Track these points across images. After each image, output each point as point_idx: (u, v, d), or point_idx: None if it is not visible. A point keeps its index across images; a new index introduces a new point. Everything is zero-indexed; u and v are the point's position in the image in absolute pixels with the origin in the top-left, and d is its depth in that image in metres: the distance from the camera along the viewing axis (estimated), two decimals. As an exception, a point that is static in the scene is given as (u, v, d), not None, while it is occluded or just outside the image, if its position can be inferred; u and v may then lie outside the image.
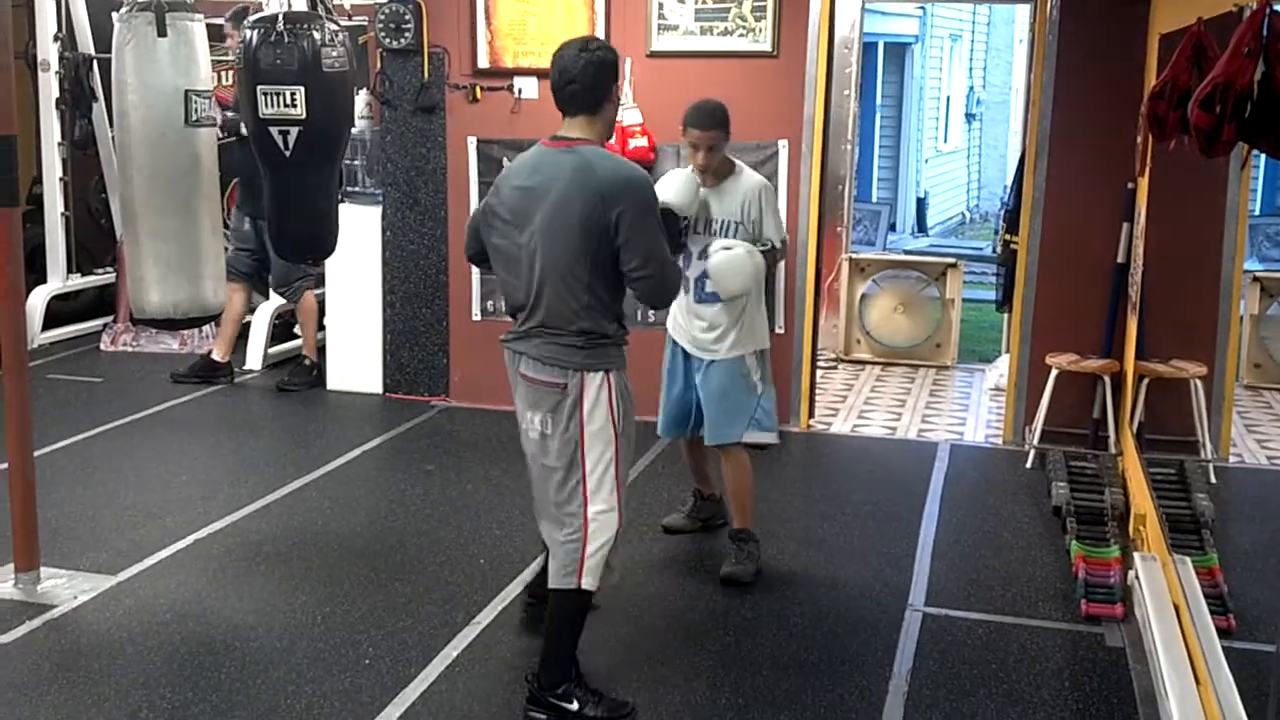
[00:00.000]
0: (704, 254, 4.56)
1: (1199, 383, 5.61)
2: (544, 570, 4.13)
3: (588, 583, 3.65)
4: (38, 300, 8.32)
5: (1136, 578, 4.24)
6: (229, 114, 6.71)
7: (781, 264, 6.44)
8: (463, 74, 6.79)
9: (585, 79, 3.57)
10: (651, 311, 6.70)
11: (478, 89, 6.75)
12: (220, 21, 7.03)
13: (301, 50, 4.79)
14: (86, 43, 8.32)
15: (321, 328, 7.60)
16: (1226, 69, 2.95)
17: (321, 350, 7.61)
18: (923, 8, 15.47)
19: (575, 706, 3.65)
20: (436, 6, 6.74)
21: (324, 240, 5.28)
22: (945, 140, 17.92)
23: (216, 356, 7.45)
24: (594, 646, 4.17)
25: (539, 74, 6.54)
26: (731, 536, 4.79)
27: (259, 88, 4.81)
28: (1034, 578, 4.78)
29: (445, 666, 3.93)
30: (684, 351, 4.80)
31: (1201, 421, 5.65)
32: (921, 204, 16.27)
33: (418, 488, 5.69)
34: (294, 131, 4.86)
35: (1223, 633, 3.74)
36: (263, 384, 7.54)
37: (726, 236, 4.58)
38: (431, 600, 4.48)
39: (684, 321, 4.77)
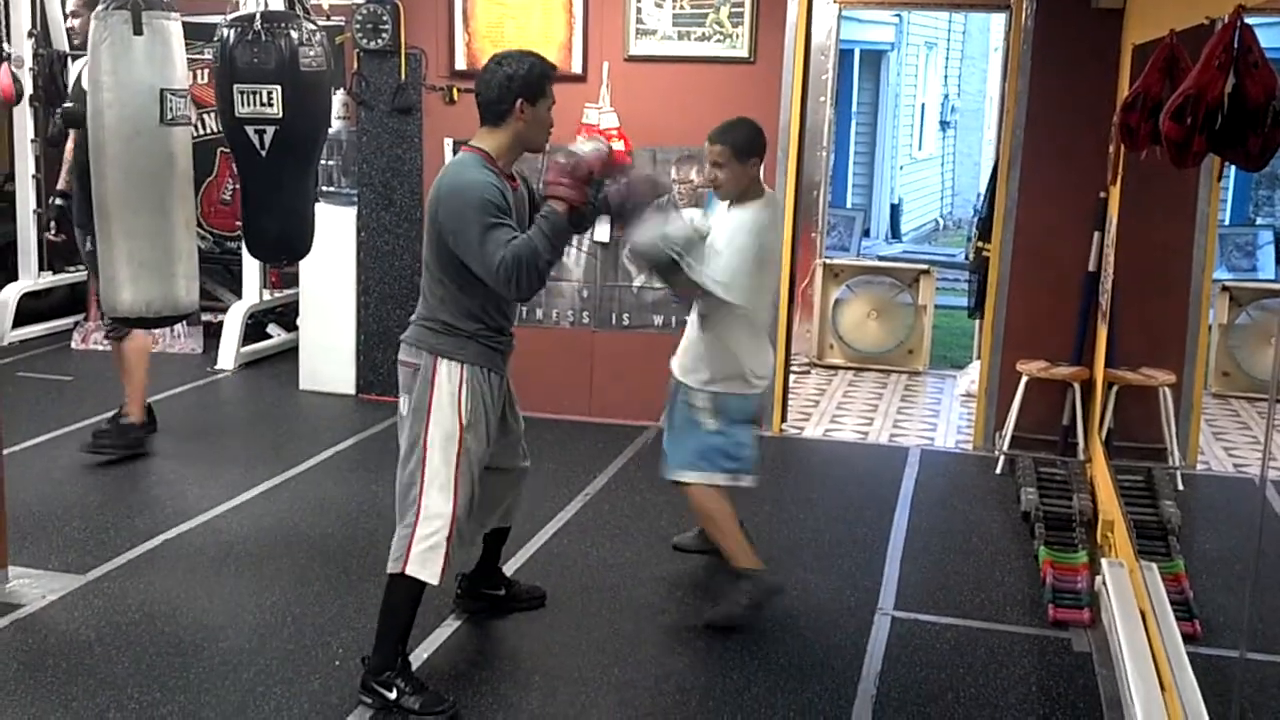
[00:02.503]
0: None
1: (1168, 391, 5.65)
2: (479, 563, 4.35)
3: (414, 569, 3.73)
4: (8, 297, 8.28)
5: (1104, 583, 4.28)
6: (67, 105, 5.83)
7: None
8: (440, 75, 6.79)
9: (488, 93, 3.76)
10: (625, 314, 6.74)
11: (455, 90, 6.75)
12: (204, 20, 6.99)
13: (279, 49, 4.79)
14: (61, 39, 8.27)
15: (295, 328, 7.53)
16: (1198, 81, 2.99)
17: (293, 351, 7.58)
18: (899, 15, 15.53)
19: (394, 695, 3.71)
20: (414, 8, 6.73)
21: (299, 241, 5.27)
22: (920, 147, 17.99)
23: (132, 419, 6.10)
24: (564, 649, 4.18)
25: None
26: (723, 574, 4.54)
27: (236, 86, 4.80)
28: (1002, 583, 4.81)
29: (416, 668, 3.92)
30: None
31: (1170, 429, 5.69)
32: (895, 210, 16.33)
33: (389, 489, 5.63)
34: (270, 131, 4.85)
35: (1188, 638, 3.77)
36: (233, 384, 7.51)
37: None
38: (403, 602, 4.46)
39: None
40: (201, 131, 8.18)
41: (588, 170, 3.70)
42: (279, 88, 4.80)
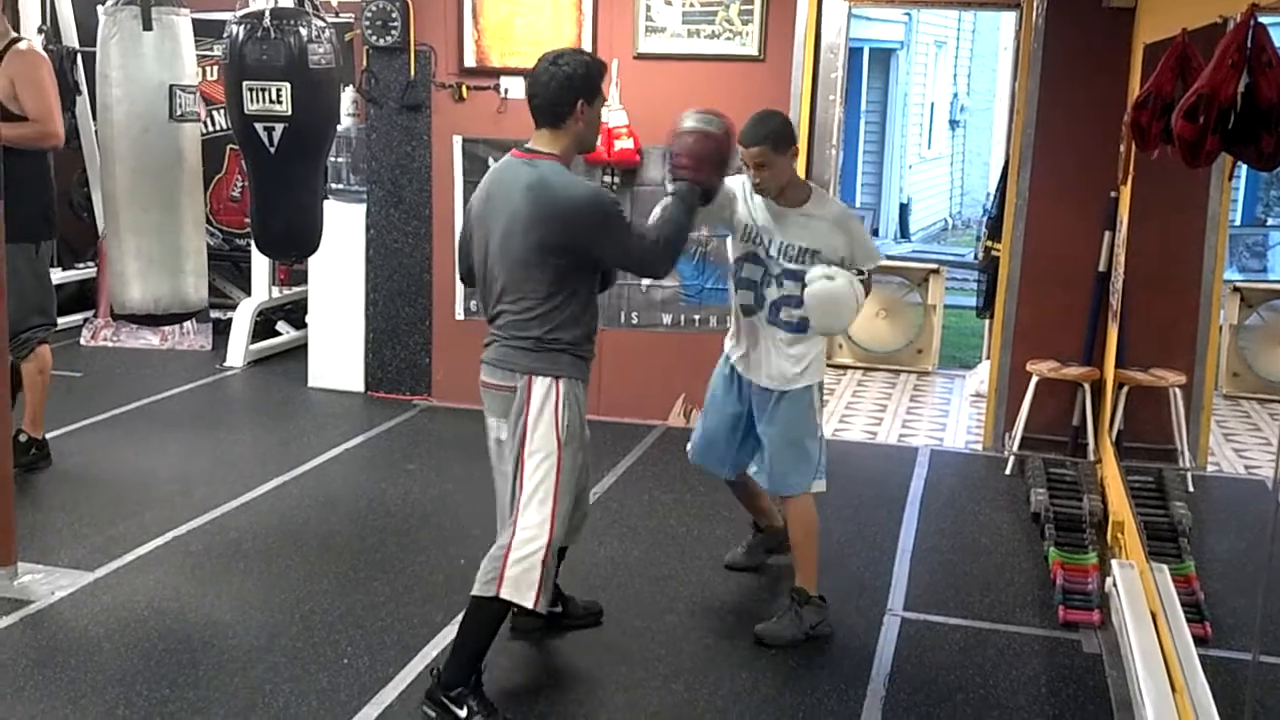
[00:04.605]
0: (784, 277, 4.17)
1: (1178, 391, 5.64)
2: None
3: (509, 593, 3.59)
4: (18, 293, 8.26)
5: (1114, 585, 4.27)
6: None
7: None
8: (449, 73, 6.78)
9: (547, 94, 3.61)
10: (634, 313, 6.73)
11: (464, 88, 6.75)
12: (213, 17, 7.00)
13: (288, 46, 4.80)
14: (70, 35, 8.29)
15: (304, 325, 7.53)
16: (1211, 80, 2.97)
17: (302, 348, 7.58)
18: (908, 14, 15.51)
19: (463, 714, 3.59)
20: (423, 5, 6.73)
21: (308, 237, 5.28)
22: (929, 146, 17.96)
23: (36, 435, 5.73)
24: (572, 647, 4.18)
25: (526, 74, 6.53)
26: (790, 592, 4.36)
27: (245, 83, 4.81)
28: (1012, 584, 4.80)
29: (424, 666, 3.92)
30: (738, 378, 4.39)
31: (1180, 430, 5.68)
32: (905, 210, 16.31)
33: (398, 487, 5.68)
34: (279, 128, 4.86)
35: (1199, 640, 3.76)
36: (242, 382, 7.52)
37: (795, 263, 4.17)
38: (411, 600, 4.47)
39: (751, 346, 4.31)
40: (211, 128, 8.20)
41: (721, 156, 3.67)
42: (288, 85, 4.80)
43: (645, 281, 6.57)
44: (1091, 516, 5.20)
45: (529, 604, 3.61)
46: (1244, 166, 3.39)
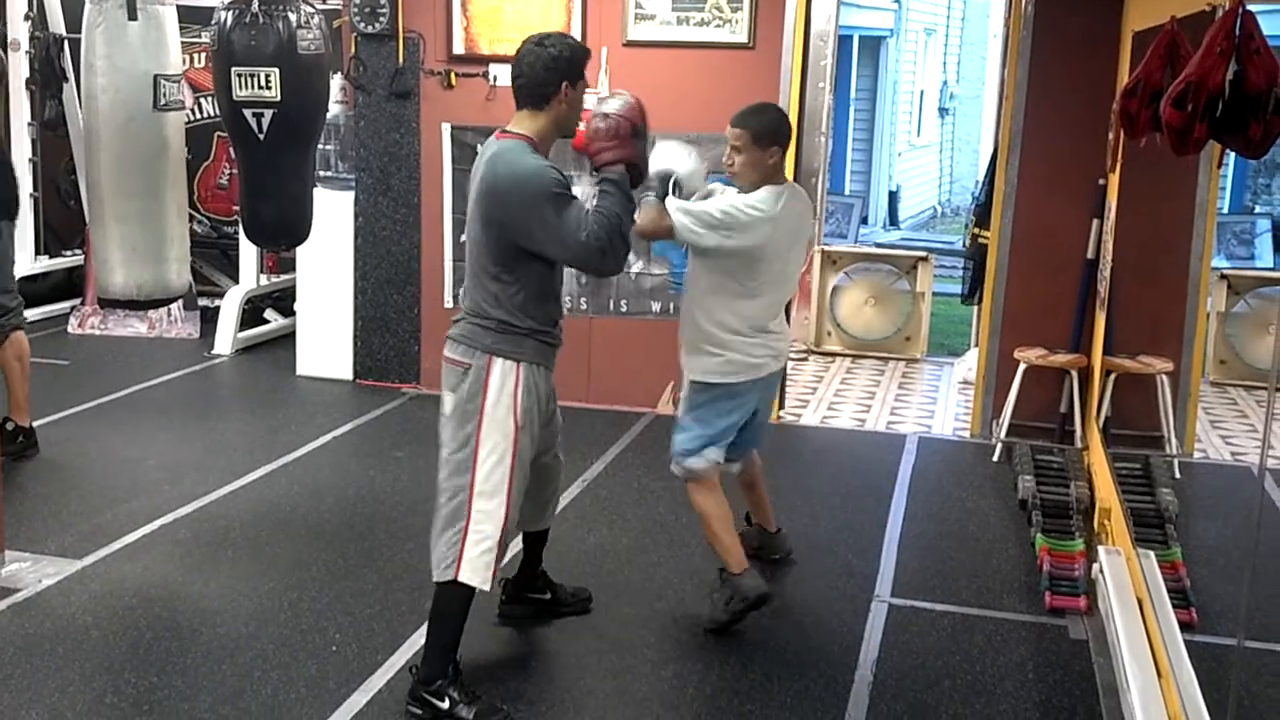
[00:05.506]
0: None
1: (1165, 378, 5.66)
2: (521, 566, 4.24)
3: (467, 576, 3.59)
4: (5, 281, 8.23)
5: (1100, 571, 4.28)
6: None
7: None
8: (438, 60, 6.76)
9: (531, 75, 3.60)
10: (623, 300, 6.72)
11: (453, 75, 6.73)
12: (202, 3, 6.97)
13: (277, 32, 4.79)
14: (57, 23, 8.25)
15: (292, 313, 7.50)
16: (1199, 68, 2.97)
17: (290, 336, 7.57)
18: (898, 1, 15.51)
19: (445, 705, 3.59)
20: (412, -9, 6.71)
21: (298, 225, 5.26)
22: (918, 134, 17.96)
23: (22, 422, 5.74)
24: (561, 634, 4.19)
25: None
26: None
27: (233, 69, 4.80)
28: (999, 570, 4.81)
29: (412, 654, 3.92)
30: None
31: (1167, 417, 5.69)
32: (893, 197, 16.31)
33: (387, 475, 5.68)
34: (268, 114, 4.85)
35: (1185, 626, 3.77)
36: (230, 369, 7.50)
37: None
38: (399, 587, 4.47)
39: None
40: (199, 115, 8.17)
41: (630, 126, 3.62)
42: (277, 71, 4.79)
43: (634, 269, 6.57)
44: (1078, 503, 5.22)
45: (485, 587, 3.62)
46: (1232, 154, 3.40)
